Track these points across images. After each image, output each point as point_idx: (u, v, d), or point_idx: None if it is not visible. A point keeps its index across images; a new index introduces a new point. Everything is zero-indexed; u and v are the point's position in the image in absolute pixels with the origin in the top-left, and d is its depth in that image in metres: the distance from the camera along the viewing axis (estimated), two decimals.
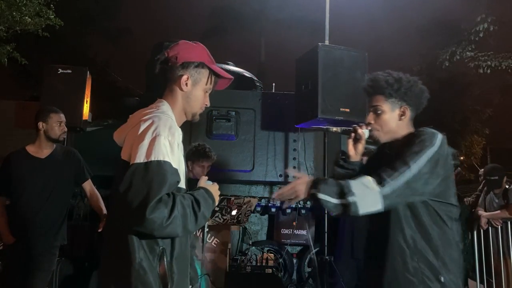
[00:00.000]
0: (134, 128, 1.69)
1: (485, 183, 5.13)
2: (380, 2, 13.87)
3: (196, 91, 1.84)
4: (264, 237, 5.79)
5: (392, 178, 1.75)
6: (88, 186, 3.58)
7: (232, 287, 4.02)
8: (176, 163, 1.66)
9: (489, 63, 12.38)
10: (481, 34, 12.35)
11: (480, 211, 5.04)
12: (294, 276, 5.56)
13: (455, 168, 6.44)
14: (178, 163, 1.69)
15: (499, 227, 4.88)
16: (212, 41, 19.81)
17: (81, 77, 4.87)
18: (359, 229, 4.18)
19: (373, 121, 1.99)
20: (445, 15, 16.27)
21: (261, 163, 5.45)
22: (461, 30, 13.91)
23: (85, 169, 3.58)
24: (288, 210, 5.49)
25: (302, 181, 1.88)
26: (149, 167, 1.56)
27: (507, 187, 4.92)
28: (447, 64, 14.17)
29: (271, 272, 4.54)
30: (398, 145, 1.96)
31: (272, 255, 5.29)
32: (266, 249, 5.43)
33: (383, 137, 1.99)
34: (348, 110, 4.35)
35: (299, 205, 5.37)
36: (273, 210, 5.50)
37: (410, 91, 1.94)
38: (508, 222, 4.82)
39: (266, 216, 5.81)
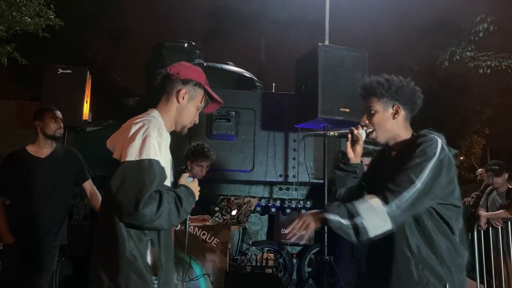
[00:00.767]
0: (126, 132, 1.84)
1: (486, 171, 5.20)
2: (380, 2, 13.86)
3: (190, 106, 2.00)
4: (264, 237, 5.79)
5: (399, 197, 1.74)
6: (89, 186, 3.58)
7: (232, 287, 4.02)
8: (164, 162, 1.80)
9: (489, 63, 12.38)
10: (481, 34, 12.36)
11: (481, 211, 5.04)
12: (294, 276, 5.56)
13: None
14: (165, 162, 1.82)
15: (499, 227, 4.88)
16: (212, 41, 19.86)
17: (81, 77, 4.87)
18: None
19: (368, 122, 2.02)
20: (445, 15, 16.25)
21: (261, 163, 5.45)
22: (461, 30, 13.91)
23: (86, 169, 3.58)
24: (288, 210, 5.50)
25: (308, 213, 1.90)
26: (141, 165, 1.71)
27: (511, 187, 4.93)
28: (447, 64, 14.18)
29: (271, 272, 4.53)
30: (399, 150, 1.97)
31: (272, 255, 5.29)
32: (266, 249, 5.43)
33: (380, 137, 2.01)
34: (348, 110, 4.35)
35: (299, 205, 5.37)
36: (273, 210, 5.51)
37: (401, 90, 1.97)
38: (508, 222, 4.81)
39: (266, 216, 5.82)
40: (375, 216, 1.74)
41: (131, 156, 1.72)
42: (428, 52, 17.09)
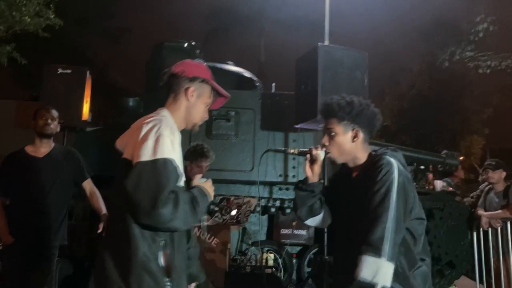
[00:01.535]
0: (137, 131, 1.81)
1: (483, 168, 5.22)
2: (380, 2, 13.90)
3: (199, 103, 2.01)
4: (264, 237, 5.79)
5: (381, 241, 1.78)
6: (88, 186, 3.58)
7: (232, 287, 4.03)
8: (178, 161, 1.79)
9: (489, 63, 12.36)
10: (481, 34, 12.35)
11: (480, 211, 5.04)
12: (294, 276, 5.56)
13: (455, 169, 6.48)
14: (179, 161, 1.81)
15: (499, 228, 4.88)
16: (213, 41, 19.86)
17: (81, 77, 4.87)
18: None
19: (328, 143, 2.07)
20: (445, 15, 16.29)
21: (261, 163, 5.45)
22: (461, 30, 13.91)
23: (85, 169, 3.57)
24: (288, 210, 5.49)
25: None
26: (156, 165, 1.69)
27: (508, 185, 4.93)
28: (447, 64, 14.17)
29: (271, 272, 4.54)
30: (360, 172, 2.03)
31: (272, 255, 5.29)
32: (266, 249, 5.43)
33: (339, 158, 2.07)
34: None
35: None
36: (273, 210, 5.50)
37: (362, 114, 2.02)
38: (508, 222, 4.81)
39: (266, 216, 5.81)
40: (381, 270, 1.77)
41: (145, 156, 1.70)
42: (428, 52, 17.11)
